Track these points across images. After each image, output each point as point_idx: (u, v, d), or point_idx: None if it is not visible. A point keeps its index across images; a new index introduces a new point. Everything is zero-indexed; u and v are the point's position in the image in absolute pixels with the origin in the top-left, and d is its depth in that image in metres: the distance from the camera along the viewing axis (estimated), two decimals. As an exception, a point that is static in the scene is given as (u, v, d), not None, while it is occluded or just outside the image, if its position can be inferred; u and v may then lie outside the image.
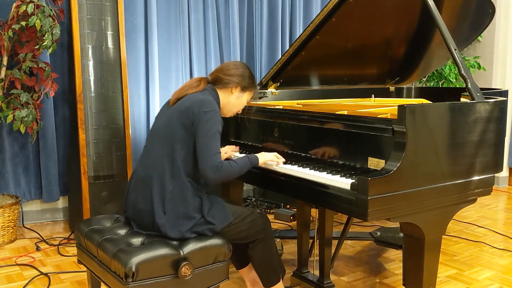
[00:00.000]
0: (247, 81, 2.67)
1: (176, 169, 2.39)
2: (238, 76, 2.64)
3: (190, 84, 2.61)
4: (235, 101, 2.68)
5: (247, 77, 2.67)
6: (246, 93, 2.70)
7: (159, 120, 2.58)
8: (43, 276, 3.40)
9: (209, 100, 2.48)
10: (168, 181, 2.39)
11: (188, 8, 4.79)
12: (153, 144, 2.52)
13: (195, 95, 2.53)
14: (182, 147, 2.41)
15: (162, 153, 2.44)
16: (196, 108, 2.42)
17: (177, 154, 2.41)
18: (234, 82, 2.63)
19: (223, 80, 2.63)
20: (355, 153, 2.39)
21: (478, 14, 3.55)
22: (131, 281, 2.14)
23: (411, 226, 2.29)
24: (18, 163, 4.37)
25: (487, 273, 3.50)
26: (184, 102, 2.50)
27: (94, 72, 3.99)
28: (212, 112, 2.42)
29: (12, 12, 3.80)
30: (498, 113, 2.49)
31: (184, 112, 2.44)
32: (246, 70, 2.69)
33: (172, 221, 2.35)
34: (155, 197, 2.38)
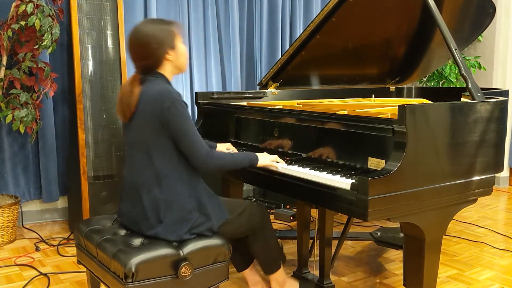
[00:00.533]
0: (167, 37, 2.39)
1: (162, 176, 2.33)
2: (157, 47, 2.36)
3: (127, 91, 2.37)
4: (178, 60, 2.44)
5: (164, 37, 2.38)
6: (176, 44, 2.43)
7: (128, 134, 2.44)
8: (43, 276, 3.39)
9: (162, 92, 2.30)
10: (157, 191, 2.33)
11: (188, 8, 4.79)
12: (133, 156, 2.42)
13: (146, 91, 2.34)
14: (161, 152, 2.33)
15: (145, 166, 2.35)
16: (158, 109, 2.28)
17: (158, 162, 2.33)
18: (161, 55, 2.38)
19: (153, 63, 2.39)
20: (355, 153, 2.38)
21: (478, 13, 3.55)
22: (131, 281, 2.13)
23: (412, 226, 2.29)
24: (18, 163, 4.37)
25: (487, 273, 3.49)
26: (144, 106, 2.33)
27: (93, 72, 3.98)
28: (174, 103, 2.27)
29: (12, 12, 3.80)
30: (499, 113, 2.49)
31: (150, 118, 2.31)
32: (155, 32, 2.37)
33: (169, 228, 2.31)
34: (148, 210, 2.33)
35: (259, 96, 3.54)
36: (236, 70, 5.08)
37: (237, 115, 3.12)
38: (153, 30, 2.37)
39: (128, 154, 2.47)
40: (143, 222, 2.35)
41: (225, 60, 5.05)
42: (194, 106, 4.79)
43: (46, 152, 4.36)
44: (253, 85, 5.20)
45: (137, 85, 2.38)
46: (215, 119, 3.33)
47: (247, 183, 3.09)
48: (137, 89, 2.36)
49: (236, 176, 3.04)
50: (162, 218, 2.31)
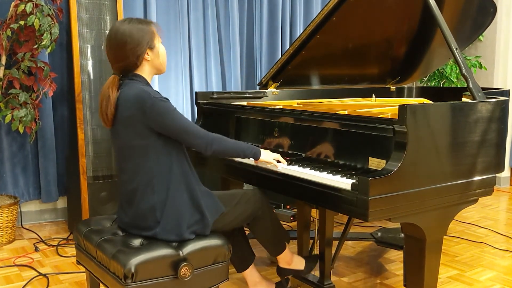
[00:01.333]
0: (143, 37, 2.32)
1: (154, 179, 2.31)
2: (135, 47, 2.30)
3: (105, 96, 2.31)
4: (157, 60, 2.40)
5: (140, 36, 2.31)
6: (155, 43, 2.38)
7: (114, 141, 2.43)
8: (42, 277, 3.38)
9: (139, 94, 2.25)
10: (151, 195, 2.31)
11: (187, 7, 4.78)
12: (122, 161, 2.40)
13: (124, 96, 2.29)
14: (149, 155, 2.30)
15: (133, 170, 2.33)
16: (139, 114, 2.23)
17: (148, 166, 2.30)
18: (138, 56, 2.32)
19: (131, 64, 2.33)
20: (356, 153, 2.38)
21: (479, 13, 3.55)
22: (130, 282, 2.12)
23: (412, 226, 2.28)
24: (17, 163, 4.36)
25: (488, 274, 3.49)
26: (122, 111, 2.29)
27: (93, 72, 3.97)
28: (154, 102, 2.22)
29: (11, 11, 3.79)
30: (500, 113, 2.49)
31: (130, 123, 2.27)
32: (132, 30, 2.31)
33: (167, 227, 2.31)
34: (145, 212, 2.33)
35: (259, 96, 3.54)
36: (236, 70, 5.07)
37: (237, 115, 3.12)
38: (130, 29, 2.30)
39: (118, 160, 2.46)
40: (141, 225, 2.35)
41: (225, 59, 5.04)
42: (194, 106, 4.79)
43: (45, 152, 4.36)
44: (253, 85, 5.20)
45: (115, 89, 2.32)
46: (215, 119, 3.32)
47: (247, 183, 3.08)
48: (114, 93, 2.30)
49: (236, 176, 3.03)
50: (159, 218, 2.31)
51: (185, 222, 2.32)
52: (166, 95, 4.71)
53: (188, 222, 2.33)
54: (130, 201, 2.37)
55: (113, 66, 2.37)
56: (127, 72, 2.37)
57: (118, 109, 2.31)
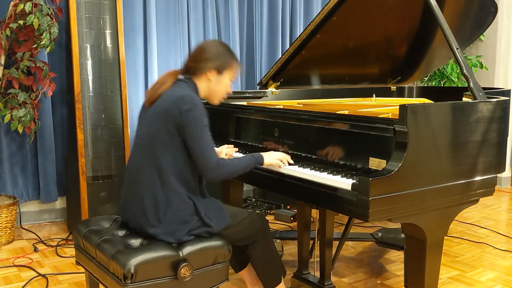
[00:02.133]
0: (222, 61, 2.46)
1: (164, 177, 2.31)
2: (210, 58, 2.44)
3: (161, 80, 2.43)
4: (215, 86, 2.49)
5: (220, 56, 2.46)
6: (225, 73, 2.49)
7: (140, 126, 2.47)
8: (41, 277, 3.38)
9: (186, 95, 2.32)
10: (158, 191, 2.31)
11: (187, 7, 4.77)
12: (137, 153, 2.42)
13: (170, 93, 2.37)
14: (167, 152, 2.31)
15: (148, 162, 2.34)
16: (175, 110, 2.28)
17: (162, 162, 2.31)
18: (206, 68, 2.44)
19: (196, 68, 2.45)
20: (356, 153, 2.37)
21: (480, 12, 3.54)
22: (130, 282, 2.11)
23: (413, 227, 2.28)
24: (16, 163, 4.35)
25: (489, 274, 3.48)
26: (161, 104, 2.35)
27: (92, 72, 3.97)
28: (193, 108, 2.28)
29: (10, 11, 3.79)
30: (501, 112, 2.48)
31: (164, 117, 2.31)
32: (217, 48, 2.47)
33: (167, 230, 2.30)
34: (148, 209, 2.32)
35: (259, 95, 3.53)
36: (236, 69, 5.04)
37: (237, 115, 3.11)
38: (218, 47, 2.48)
39: (134, 149, 2.46)
40: (143, 219, 2.34)
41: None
42: (193, 106, 4.77)
43: (44, 152, 4.35)
44: (253, 84, 5.19)
45: (174, 76, 2.45)
46: (215, 119, 3.30)
47: (247, 183, 3.08)
48: (170, 82, 2.41)
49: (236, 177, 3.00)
50: (162, 218, 2.30)
51: (188, 227, 2.31)
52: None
53: (191, 227, 2.32)
54: (136, 192, 2.37)
55: (185, 63, 2.51)
56: (189, 72, 2.48)
57: (159, 101, 2.37)
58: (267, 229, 2.64)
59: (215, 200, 2.50)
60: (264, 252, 2.62)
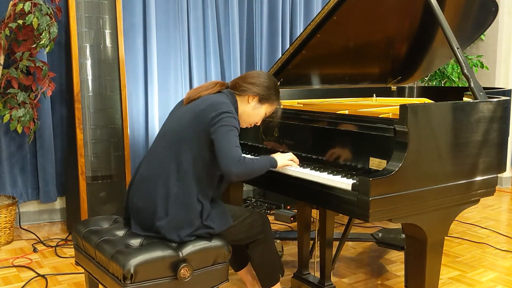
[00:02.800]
0: (267, 92, 2.54)
1: (182, 172, 2.33)
2: (257, 85, 2.53)
3: (207, 86, 2.53)
4: (251, 111, 2.56)
5: (267, 88, 2.55)
6: (265, 105, 2.57)
7: (170, 119, 2.53)
8: (40, 277, 3.37)
9: (224, 102, 2.40)
10: (173, 184, 2.33)
11: (187, 6, 4.76)
12: (160, 144, 2.46)
13: (210, 96, 2.45)
14: (191, 150, 2.34)
15: (169, 154, 2.37)
16: (212, 111, 2.34)
17: (184, 158, 2.34)
18: (251, 91, 2.52)
19: (241, 87, 2.53)
20: (357, 153, 2.37)
21: (481, 12, 3.53)
22: (130, 283, 2.11)
23: (413, 227, 2.27)
24: (15, 163, 4.34)
25: (490, 274, 3.48)
26: (199, 103, 2.42)
27: (92, 71, 3.96)
28: (228, 114, 2.34)
29: (9, 10, 3.78)
30: (502, 112, 2.48)
31: (198, 115, 2.37)
32: (268, 80, 2.56)
33: (172, 225, 2.30)
34: (159, 198, 2.33)
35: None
36: (236, 69, 5.05)
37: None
38: (270, 81, 2.57)
39: (157, 140, 2.50)
40: (152, 209, 2.34)
41: (224, 59, 5.03)
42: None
43: (43, 152, 4.34)
44: (253, 84, 5.17)
45: (220, 86, 2.53)
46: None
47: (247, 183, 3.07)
48: (215, 89, 2.50)
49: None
50: (169, 211, 2.31)
51: (191, 228, 2.32)
52: (166, 95, 4.71)
53: (194, 229, 2.32)
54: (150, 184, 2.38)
55: (233, 80, 2.61)
56: (233, 88, 2.56)
57: (198, 101, 2.45)
58: (268, 230, 2.64)
59: (219, 202, 2.50)
60: (264, 253, 2.63)
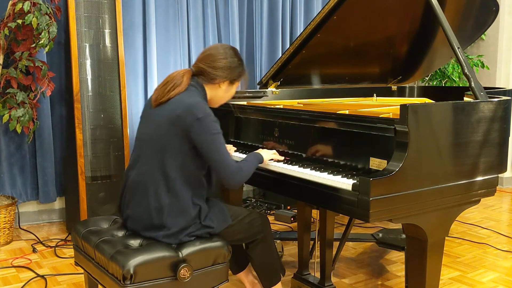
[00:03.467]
0: (236, 72, 2.48)
1: (171, 182, 2.28)
2: (226, 69, 2.43)
3: (173, 80, 2.38)
4: (223, 94, 2.52)
5: (235, 67, 2.47)
6: (235, 84, 2.53)
7: (146, 124, 2.43)
8: (40, 278, 3.36)
9: (197, 103, 2.30)
10: (164, 195, 2.29)
11: (187, 5, 4.76)
12: (143, 152, 2.37)
13: (181, 98, 2.33)
14: (176, 157, 2.29)
15: (154, 165, 2.31)
16: (188, 117, 2.26)
17: (169, 167, 2.28)
18: (221, 77, 2.44)
19: (209, 75, 2.43)
20: (357, 153, 2.36)
21: (481, 11, 3.53)
22: (129, 283, 2.11)
23: (414, 227, 2.26)
24: (14, 163, 4.34)
25: (491, 275, 3.47)
26: (174, 108, 2.31)
27: (91, 71, 3.96)
28: (206, 117, 2.27)
29: (8, 10, 3.78)
30: (502, 112, 2.47)
31: (175, 122, 2.28)
32: (234, 59, 2.46)
33: (169, 233, 2.28)
34: (152, 211, 2.30)
35: (259, 95, 3.51)
36: (236, 69, 5.03)
37: (237, 115, 3.08)
38: (233, 57, 2.46)
39: (139, 149, 2.41)
40: (146, 222, 2.32)
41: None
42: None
43: (43, 152, 4.34)
44: (253, 84, 5.17)
45: (188, 77, 2.40)
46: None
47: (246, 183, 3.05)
48: (185, 83, 2.38)
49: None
50: (165, 223, 2.28)
51: (190, 230, 2.31)
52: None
53: (193, 229, 2.31)
54: (141, 193, 2.34)
55: (197, 63, 2.46)
56: (200, 77, 2.45)
57: (170, 104, 2.34)
58: (267, 229, 2.62)
59: (217, 201, 2.49)
60: (263, 252, 2.61)
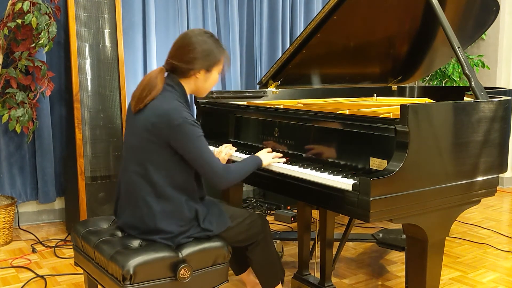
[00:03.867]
0: (211, 59, 2.35)
1: (159, 189, 2.26)
2: (198, 59, 2.31)
3: (149, 84, 2.30)
4: (204, 84, 2.40)
5: (208, 53, 2.33)
6: (213, 70, 2.39)
7: (129, 131, 2.39)
8: (39, 278, 3.36)
9: (172, 109, 2.23)
10: (154, 202, 2.27)
11: (187, 5, 4.76)
12: (130, 162, 2.34)
13: (155, 104, 2.26)
14: (159, 165, 2.26)
15: (140, 174, 2.29)
16: (164, 124, 2.21)
17: (155, 176, 2.26)
18: (195, 69, 2.33)
19: (181, 69, 2.33)
20: (357, 153, 2.35)
21: (482, 11, 3.52)
22: (129, 283, 2.10)
23: (414, 227, 2.26)
24: (14, 164, 4.33)
25: (491, 275, 3.46)
26: (149, 115, 2.26)
27: (91, 71, 3.95)
28: (183, 123, 2.21)
29: (8, 10, 3.77)
30: (503, 112, 2.46)
31: (152, 131, 2.24)
32: (206, 44, 2.33)
33: (166, 236, 2.28)
34: (145, 217, 2.29)
35: (259, 95, 3.51)
36: (236, 69, 5.04)
37: (237, 115, 3.08)
38: (206, 43, 2.33)
39: (125, 157, 2.40)
40: (142, 228, 2.32)
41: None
42: (193, 106, 4.75)
43: (42, 152, 4.33)
44: (253, 84, 5.18)
45: (162, 78, 2.32)
46: (214, 118, 3.29)
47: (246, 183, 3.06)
48: (159, 88, 2.29)
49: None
50: (160, 227, 2.27)
51: (187, 233, 2.30)
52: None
53: (191, 232, 2.31)
54: (132, 201, 2.33)
55: (168, 60, 2.37)
56: (175, 72, 2.36)
57: (146, 111, 2.28)
58: (267, 231, 2.61)
59: (215, 202, 2.47)
60: (263, 254, 2.60)
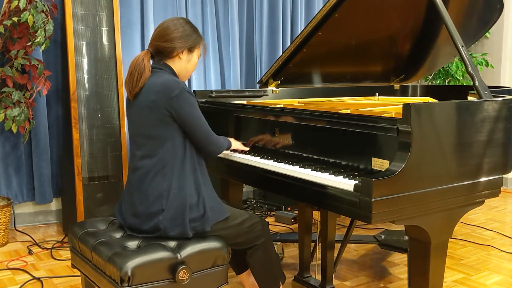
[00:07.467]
0: (192, 39, 2.50)
1: (165, 165, 2.34)
2: (180, 38, 2.45)
3: (138, 68, 2.40)
4: (186, 65, 2.53)
5: (188, 34, 2.49)
6: (194, 51, 2.54)
7: (131, 121, 2.49)
8: (36, 280, 3.35)
9: (169, 80, 2.36)
10: (160, 179, 2.33)
11: (185, 3, 4.76)
12: (136, 149, 2.44)
13: (151, 83, 2.38)
14: (164, 143, 2.34)
15: (147, 151, 2.37)
16: (164, 98, 2.31)
17: (160, 151, 2.34)
18: (178, 48, 2.46)
19: (166, 50, 2.45)
20: (359, 153, 2.33)
21: (486, 9, 3.52)
22: (127, 285, 2.10)
23: (417, 229, 2.25)
24: (10, 164, 4.32)
25: (495, 277, 3.45)
26: (147, 95, 2.37)
27: (88, 70, 3.95)
28: (182, 91, 2.32)
29: (4, 8, 3.77)
30: (507, 112, 2.45)
31: (153, 108, 2.33)
32: (184, 27, 2.49)
33: (170, 217, 2.29)
34: (151, 196, 2.33)
35: (259, 94, 3.53)
36: (236, 67, 5.04)
37: (237, 114, 3.08)
38: (184, 26, 2.49)
39: (131, 142, 2.50)
40: (145, 211, 2.33)
41: (224, 57, 5.03)
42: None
43: (39, 153, 4.32)
44: (253, 83, 5.19)
45: (148, 59, 2.43)
46: (214, 118, 3.26)
47: (246, 184, 3.05)
48: (149, 66, 2.41)
49: (236, 177, 3.02)
50: (164, 206, 2.31)
51: (188, 214, 2.31)
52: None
53: (191, 215, 2.31)
54: (138, 186, 2.38)
55: (151, 43, 2.49)
56: (159, 56, 2.49)
57: (143, 92, 2.39)
58: (267, 234, 2.60)
59: (215, 195, 2.48)
60: (263, 258, 2.59)
